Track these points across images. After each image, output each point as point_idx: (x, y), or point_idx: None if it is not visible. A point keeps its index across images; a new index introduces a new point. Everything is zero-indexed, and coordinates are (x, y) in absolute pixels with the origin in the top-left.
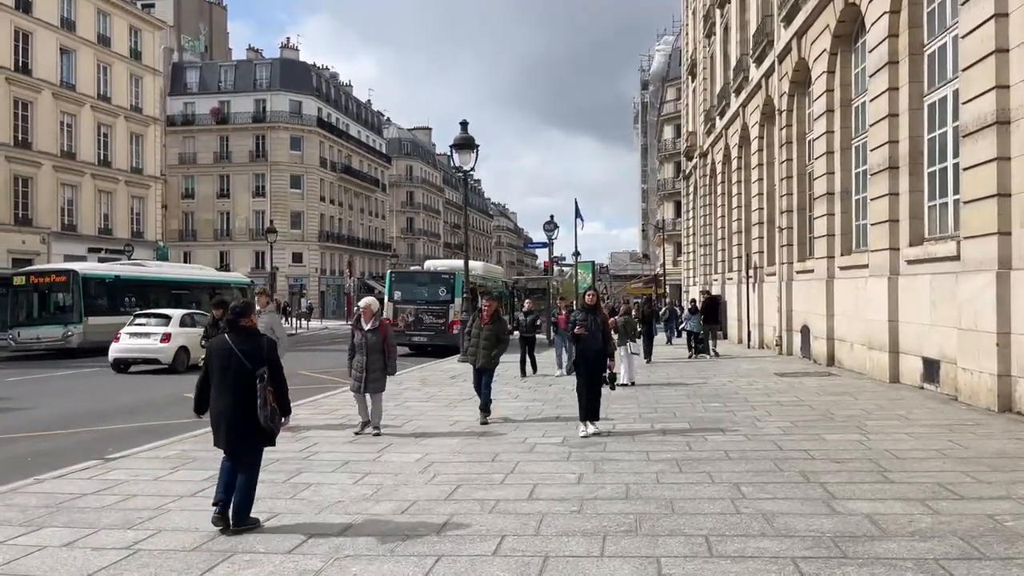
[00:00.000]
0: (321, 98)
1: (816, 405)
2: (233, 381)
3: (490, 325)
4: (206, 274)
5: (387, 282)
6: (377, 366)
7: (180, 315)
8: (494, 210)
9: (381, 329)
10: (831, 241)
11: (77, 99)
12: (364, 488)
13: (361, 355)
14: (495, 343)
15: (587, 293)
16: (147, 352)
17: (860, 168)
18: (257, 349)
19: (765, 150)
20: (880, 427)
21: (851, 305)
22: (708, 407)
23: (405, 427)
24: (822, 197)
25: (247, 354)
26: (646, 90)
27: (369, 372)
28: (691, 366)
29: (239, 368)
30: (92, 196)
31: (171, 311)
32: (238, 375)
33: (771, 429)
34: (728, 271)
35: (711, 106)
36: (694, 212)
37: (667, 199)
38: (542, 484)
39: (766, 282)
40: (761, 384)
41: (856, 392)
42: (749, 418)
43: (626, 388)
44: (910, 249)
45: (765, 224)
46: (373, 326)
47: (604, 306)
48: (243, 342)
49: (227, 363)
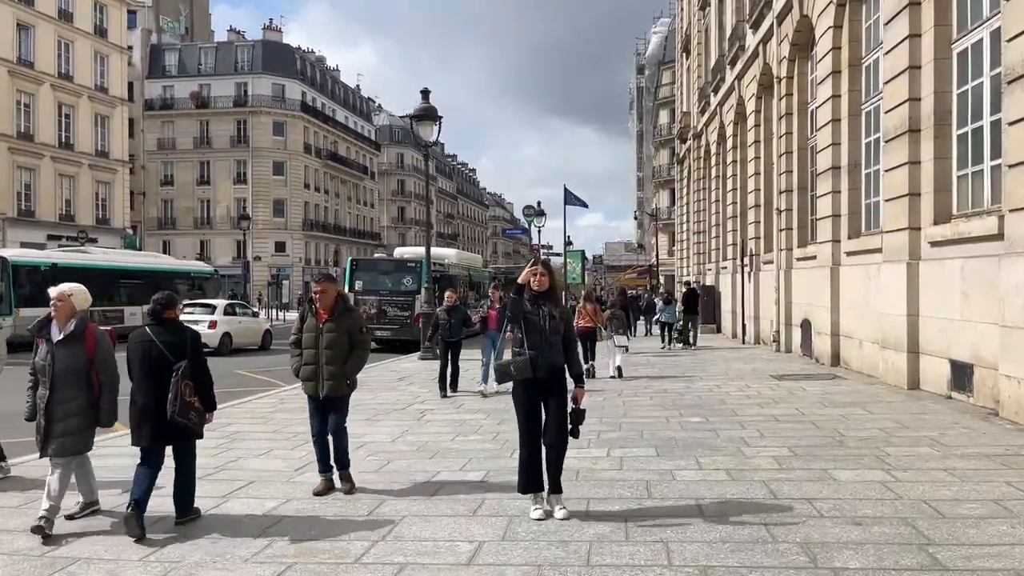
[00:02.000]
0: (306, 82)
1: (821, 421)
2: (157, 375)
3: (333, 323)
4: (163, 263)
5: (347, 270)
6: (74, 408)
7: (224, 305)
8: (490, 200)
9: (87, 339)
10: (836, 223)
11: (35, 77)
12: None
13: (44, 387)
14: (346, 351)
15: (535, 272)
16: None
17: (871, 137)
18: (181, 342)
19: (762, 125)
20: (907, 458)
21: (860, 296)
22: (686, 423)
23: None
24: (826, 172)
25: (170, 346)
26: (642, 75)
27: (57, 420)
28: (676, 366)
29: (162, 361)
30: (52, 180)
31: (216, 302)
32: (162, 368)
33: (763, 460)
34: (722, 260)
35: (705, 82)
36: (687, 198)
37: (662, 187)
38: None
39: (763, 271)
40: (754, 390)
41: (869, 402)
42: (735, 441)
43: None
44: (935, 228)
45: (762, 207)
46: (70, 332)
47: (592, 298)
48: (165, 334)
49: (149, 356)
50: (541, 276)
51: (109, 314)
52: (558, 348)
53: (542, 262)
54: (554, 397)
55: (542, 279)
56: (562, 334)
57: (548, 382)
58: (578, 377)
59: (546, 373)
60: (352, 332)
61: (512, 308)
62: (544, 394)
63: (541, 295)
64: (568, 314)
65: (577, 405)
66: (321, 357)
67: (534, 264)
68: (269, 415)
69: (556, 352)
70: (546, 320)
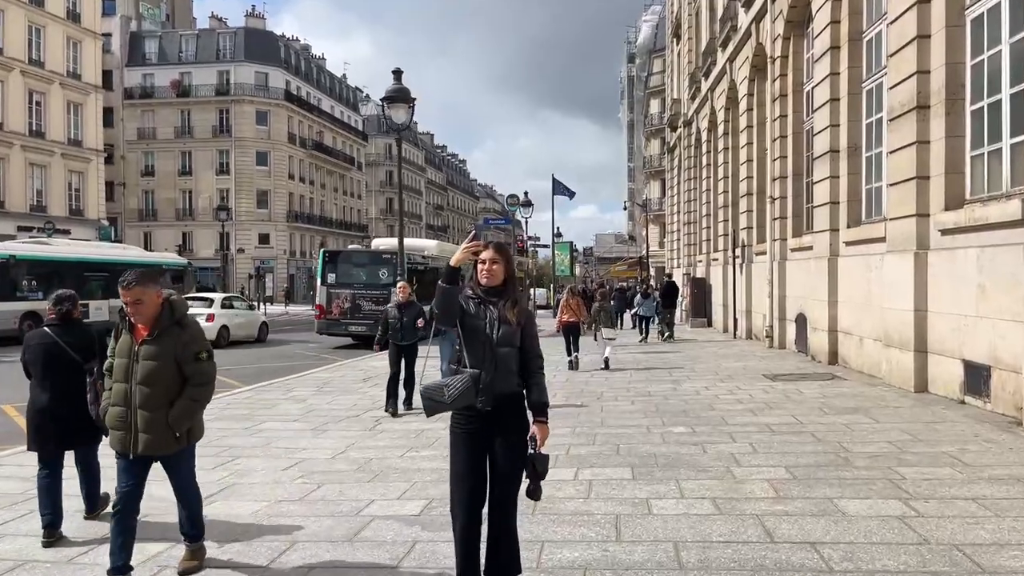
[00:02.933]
0: (290, 70)
1: (822, 432)
2: (59, 376)
3: (153, 346)
4: (131, 255)
5: (319, 262)
6: None
7: (220, 299)
8: (481, 191)
9: None
10: (835, 210)
11: (4, 63)
12: None
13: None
14: (173, 388)
15: (482, 260)
16: None
17: (873, 117)
18: (86, 341)
19: (755, 109)
20: (926, 483)
21: (861, 289)
22: (668, 434)
23: None
24: (824, 156)
25: (74, 346)
26: (633, 63)
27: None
28: (664, 364)
29: (67, 362)
30: (22, 169)
31: (213, 295)
32: (68, 370)
33: (756, 485)
34: (713, 251)
35: (696, 67)
36: (678, 188)
37: (653, 177)
38: None
39: (755, 262)
40: (746, 393)
41: (874, 408)
42: (724, 458)
43: (575, 396)
44: (946, 215)
45: (755, 196)
46: None
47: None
48: (69, 333)
49: (52, 357)
50: (492, 265)
51: None
52: (511, 366)
53: (494, 244)
54: (505, 439)
55: (492, 269)
56: (519, 346)
57: (497, 416)
58: (540, 408)
59: (493, 402)
60: (183, 359)
61: (441, 304)
62: (491, 434)
63: (491, 291)
64: (530, 316)
65: (538, 449)
66: (134, 397)
67: (475, 240)
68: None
69: (508, 372)
70: (495, 326)
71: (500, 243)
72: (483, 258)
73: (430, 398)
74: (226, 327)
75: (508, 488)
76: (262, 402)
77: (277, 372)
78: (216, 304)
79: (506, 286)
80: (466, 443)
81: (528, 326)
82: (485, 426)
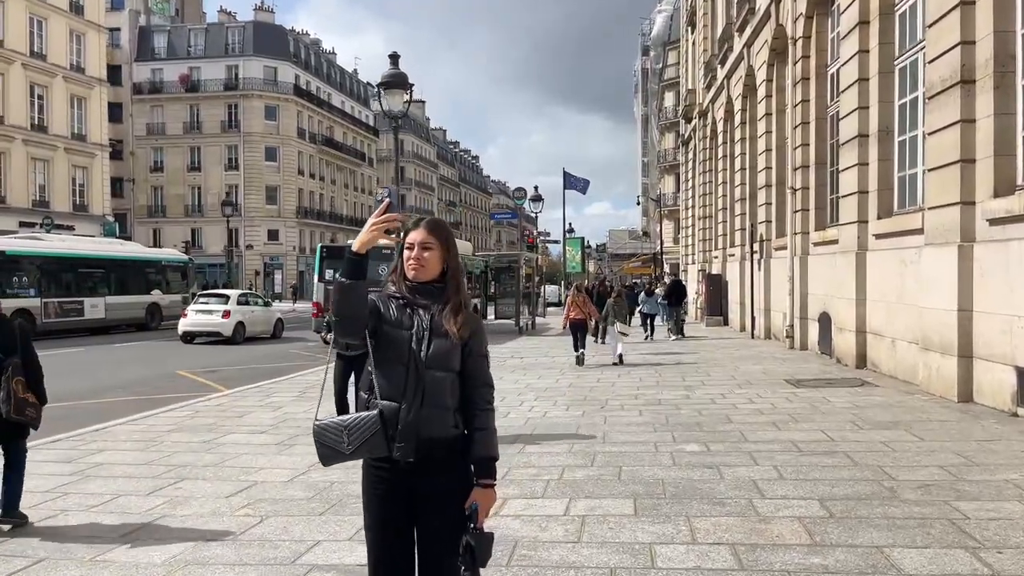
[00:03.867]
0: (299, 64)
1: (858, 453)
2: None
3: None
4: (129, 251)
5: (316, 258)
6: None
7: (236, 295)
8: (494, 187)
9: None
10: (863, 200)
11: (5, 56)
12: None
13: None
14: None
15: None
16: (210, 326)
17: (907, 97)
18: (7, 337)
19: (774, 96)
20: (995, 525)
21: (893, 287)
22: (679, 454)
23: None
24: (851, 142)
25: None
26: (647, 56)
27: None
28: (677, 365)
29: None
30: (24, 164)
31: (229, 292)
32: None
33: (785, 526)
34: (730, 246)
35: (711, 55)
36: (693, 181)
37: (668, 172)
38: None
39: (775, 258)
40: (767, 402)
41: (915, 422)
42: (745, 486)
43: (577, 405)
44: (995, 202)
45: (774, 187)
46: None
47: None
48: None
49: None
50: (423, 251)
51: (66, 305)
52: (446, 399)
53: (427, 221)
54: (432, 505)
55: (423, 257)
56: (459, 370)
57: (423, 471)
58: (485, 465)
59: (417, 451)
60: None
61: (340, 307)
62: (413, 497)
63: (422, 289)
64: (479, 327)
65: (478, 525)
66: None
67: (389, 211)
68: (159, 437)
69: (441, 408)
70: (425, 339)
71: (436, 220)
72: (410, 241)
73: (324, 443)
74: (241, 323)
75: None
76: (234, 410)
77: (267, 373)
78: (232, 300)
79: (444, 282)
80: (380, 508)
81: (476, 341)
82: (405, 485)
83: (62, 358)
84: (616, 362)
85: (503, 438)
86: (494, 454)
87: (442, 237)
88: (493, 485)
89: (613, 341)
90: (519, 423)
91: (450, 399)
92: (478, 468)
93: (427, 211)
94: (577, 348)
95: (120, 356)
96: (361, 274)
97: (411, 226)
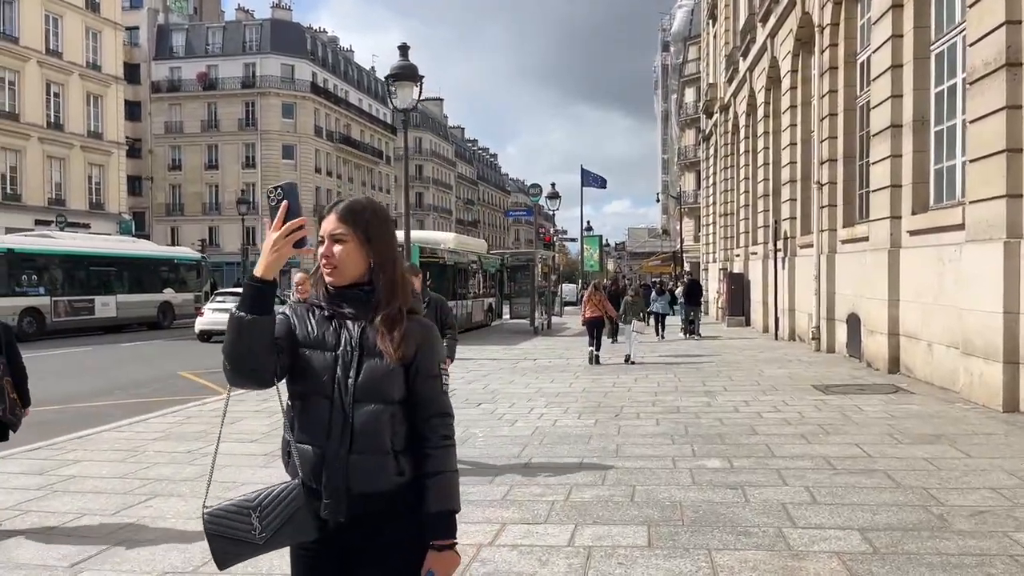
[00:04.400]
0: (316, 62)
1: (899, 472)
2: None
3: None
4: (140, 249)
5: None
6: None
7: None
8: (512, 186)
9: None
10: (896, 195)
11: (20, 53)
12: None
13: None
14: None
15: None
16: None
17: (945, 84)
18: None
19: (799, 87)
20: None
21: (930, 286)
22: (700, 471)
23: None
24: (883, 133)
25: None
26: (667, 52)
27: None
28: (697, 369)
29: None
30: (40, 162)
31: None
32: None
33: (822, 565)
34: (752, 244)
35: (733, 47)
36: (714, 178)
37: (688, 169)
38: None
39: (800, 256)
40: (794, 410)
41: (959, 435)
42: (774, 511)
43: (590, 413)
44: None
45: (799, 183)
46: None
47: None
48: None
49: None
50: (334, 244)
51: (77, 304)
52: (383, 440)
53: (341, 208)
54: (369, 558)
55: (334, 253)
56: (399, 399)
57: (359, 532)
58: (441, 523)
59: (350, 509)
60: None
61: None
62: (348, 565)
63: (346, 295)
64: (427, 338)
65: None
66: None
67: (289, 215)
68: (143, 446)
69: (377, 452)
70: (353, 361)
71: (352, 203)
72: (321, 233)
73: (222, 536)
74: None
75: None
76: (230, 415)
77: None
78: None
79: (372, 284)
80: (307, 570)
81: (425, 358)
82: (337, 544)
83: (64, 358)
84: (632, 362)
85: (507, 450)
86: (454, 506)
87: (359, 225)
88: (454, 545)
89: (628, 340)
90: (526, 433)
91: (390, 439)
92: (433, 526)
93: (445, 211)
94: (592, 346)
95: (125, 356)
96: (266, 307)
97: (325, 213)
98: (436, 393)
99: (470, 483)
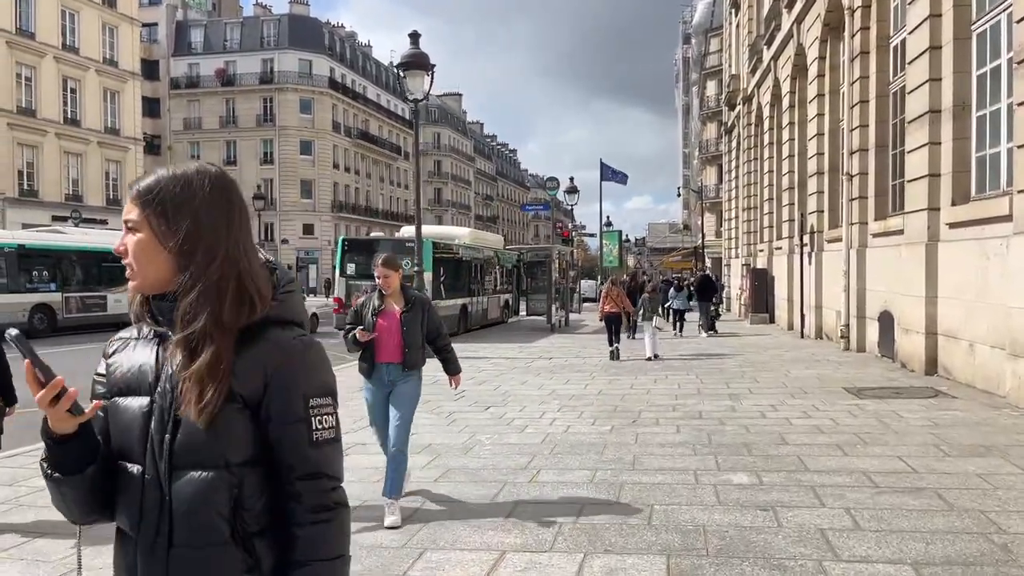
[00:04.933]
0: (334, 57)
1: (951, 491)
2: None
3: None
4: None
5: (338, 251)
6: None
7: None
8: (531, 182)
9: None
10: (935, 184)
11: (37, 49)
12: None
13: None
14: None
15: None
16: None
17: (988, 66)
18: None
19: (827, 75)
20: None
21: (972, 282)
22: (725, 488)
23: None
24: (920, 119)
25: None
26: (688, 44)
27: None
28: (720, 370)
29: None
30: (57, 158)
31: None
32: None
33: None
34: (776, 239)
35: (757, 36)
36: (736, 171)
37: (709, 163)
38: None
39: (827, 250)
40: (826, 416)
41: (1011, 445)
42: (811, 540)
43: (605, 418)
44: None
45: (826, 174)
46: None
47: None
48: None
49: None
50: (127, 233)
51: (88, 300)
52: (214, 521)
53: (144, 180)
54: None
55: (126, 244)
56: (244, 460)
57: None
58: None
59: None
60: None
61: (57, 505)
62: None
63: (161, 308)
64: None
65: None
66: None
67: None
68: None
69: (206, 545)
70: (170, 409)
71: (146, 186)
72: (124, 220)
73: None
74: None
75: None
76: None
77: None
78: None
79: (197, 295)
80: None
81: (279, 395)
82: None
83: (66, 357)
84: (651, 358)
85: (514, 461)
86: None
87: (153, 206)
88: None
89: (648, 337)
90: (536, 441)
91: (227, 522)
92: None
93: (464, 207)
94: (611, 343)
95: None
96: (74, 464)
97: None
98: (301, 446)
99: (470, 499)
